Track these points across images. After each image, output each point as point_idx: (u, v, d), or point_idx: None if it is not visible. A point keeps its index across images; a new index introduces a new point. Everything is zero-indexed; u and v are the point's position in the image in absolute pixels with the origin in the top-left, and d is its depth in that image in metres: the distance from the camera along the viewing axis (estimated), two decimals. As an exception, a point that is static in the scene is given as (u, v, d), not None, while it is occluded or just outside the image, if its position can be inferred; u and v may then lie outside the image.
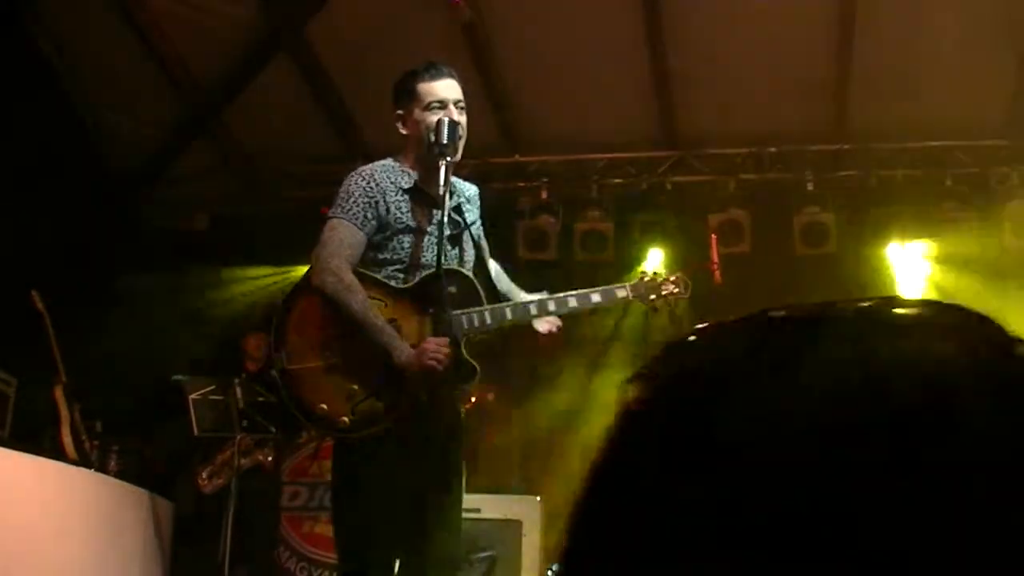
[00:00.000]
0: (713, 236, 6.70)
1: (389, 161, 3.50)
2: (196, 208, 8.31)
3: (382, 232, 3.35)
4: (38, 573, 4.64)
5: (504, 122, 7.74)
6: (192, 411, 6.00)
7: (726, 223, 7.60)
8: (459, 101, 3.44)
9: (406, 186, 3.42)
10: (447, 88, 3.43)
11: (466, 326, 3.30)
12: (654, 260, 7.87)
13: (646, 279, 3.50)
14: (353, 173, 3.46)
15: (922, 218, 7.59)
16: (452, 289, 3.33)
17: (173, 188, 8.08)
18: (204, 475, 6.26)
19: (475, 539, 5.57)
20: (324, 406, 3.24)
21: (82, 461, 5.51)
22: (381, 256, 3.36)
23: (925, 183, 7.60)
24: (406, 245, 3.35)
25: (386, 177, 3.41)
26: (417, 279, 3.35)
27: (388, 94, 3.58)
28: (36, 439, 5.66)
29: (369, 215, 3.33)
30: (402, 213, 3.37)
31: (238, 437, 5.97)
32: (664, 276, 3.52)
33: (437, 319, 3.25)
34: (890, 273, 7.77)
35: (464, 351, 3.29)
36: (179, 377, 6.20)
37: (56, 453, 5.39)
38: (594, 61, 7.25)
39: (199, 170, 8.06)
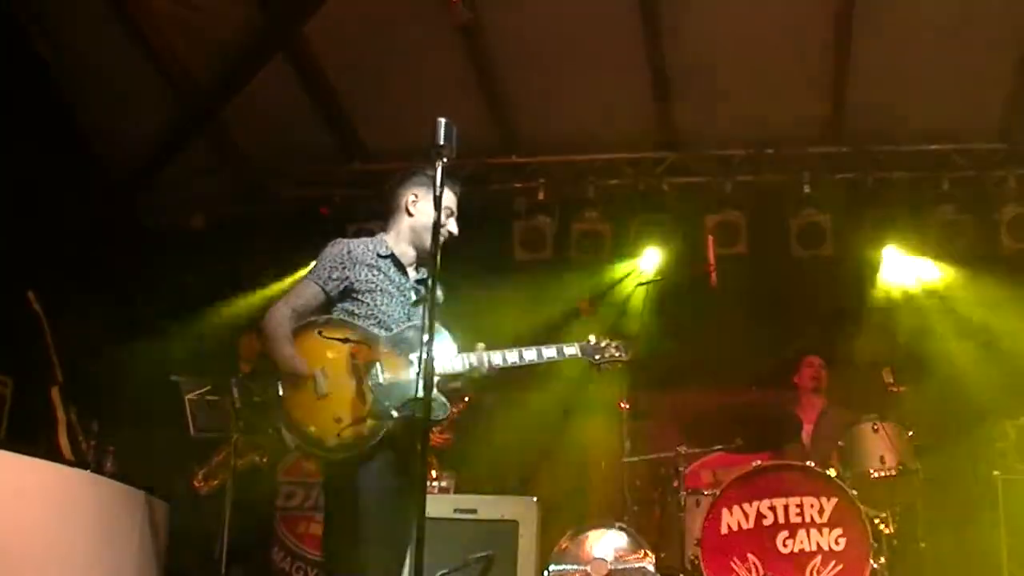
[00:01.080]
0: (710, 237, 6.72)
1: (371, 238, 3.96)
2: (193, 208, 8.31)
3: (357, 292, 3.82)
4: (35, 574, 4.64)
5: (501, 122, 7.74)
6: (188, 411, 5.99)
7: (723, 224, 7.61)
8: (455, 213, 3.89)
9: (383, 253, 3.90)
10: (452, 199, 3.87)
11: (439, 369, 3.61)
12: (651, 260, 7.87)
13: (592, 343, 4.00)
14: (334, 241, 3.93)
15: (919, 221, 7.60)
16: (425, 336, 3.54)
17: (171, 188, 8.08)
18: (200, 476, 6.25)
19: (472, 539, 5.58)
20: (313, 428, 3.64)
21: (78, 462, 5.50)
22: (358, 312, 3.81)
23: (922, 186, 7.61)
24: (379, 304, 3.82)
25: (363, 247, 3.89)
26: (397, 329, 3.80)
27: (386, 94, 3.61)
28: (32, 440, 5.65)
29: (334, 276, 3.83)
30: (374, 276, 3.85)
31: (234, 437, 5.95)
32: (608, 341, 4.01)
33: (417, 361, 3.58)
34: (886, 276, 7.77)
35: (437, 390, 3.63)
36: (175, 377, 6.19)
37: (52, 454, 5.37)
38: (591, 62, 7.25)
39: (197, 170, 8.06)
